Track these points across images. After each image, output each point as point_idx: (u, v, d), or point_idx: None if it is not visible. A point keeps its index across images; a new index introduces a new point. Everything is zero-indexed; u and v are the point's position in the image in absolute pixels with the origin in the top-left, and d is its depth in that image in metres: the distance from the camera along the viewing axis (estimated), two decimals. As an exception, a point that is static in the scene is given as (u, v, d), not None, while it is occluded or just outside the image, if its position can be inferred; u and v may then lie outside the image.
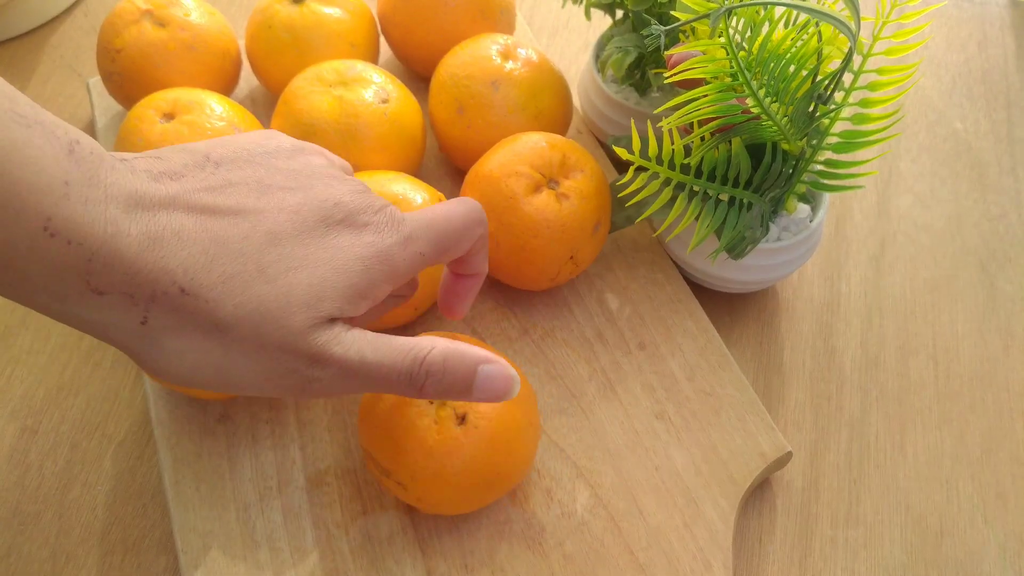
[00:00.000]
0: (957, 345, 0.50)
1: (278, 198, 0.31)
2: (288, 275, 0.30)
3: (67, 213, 0.26)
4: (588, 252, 0.46)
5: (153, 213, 0.28)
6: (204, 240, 0.29)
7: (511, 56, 0.49)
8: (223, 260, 0.29)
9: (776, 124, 0.39)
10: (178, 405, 0.44)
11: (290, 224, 0.31)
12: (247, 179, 0.31)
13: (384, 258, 0.32)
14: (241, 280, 0.29)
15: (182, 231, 0.29)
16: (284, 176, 0.32)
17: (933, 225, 0.55)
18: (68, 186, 0.27)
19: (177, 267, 0.28)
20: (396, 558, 0.40)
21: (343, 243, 0.31)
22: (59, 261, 0.27)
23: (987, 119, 0.60)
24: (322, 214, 0.32)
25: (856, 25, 0.36)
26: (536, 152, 0.45)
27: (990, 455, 0.46)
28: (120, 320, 0.28)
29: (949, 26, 0.66)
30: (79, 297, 0.28)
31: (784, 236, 0.46)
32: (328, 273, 0.31)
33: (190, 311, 0.29)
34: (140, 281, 0.28)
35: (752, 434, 0.43)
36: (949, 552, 0.43)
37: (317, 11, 0.53)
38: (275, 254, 0.30)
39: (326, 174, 0.33)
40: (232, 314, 0.29)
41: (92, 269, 0.27)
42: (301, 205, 0.31)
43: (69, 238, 0.26)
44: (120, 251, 0.27)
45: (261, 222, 0.30)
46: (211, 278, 0.29)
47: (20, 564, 0.42)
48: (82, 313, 0.28)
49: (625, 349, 0.46)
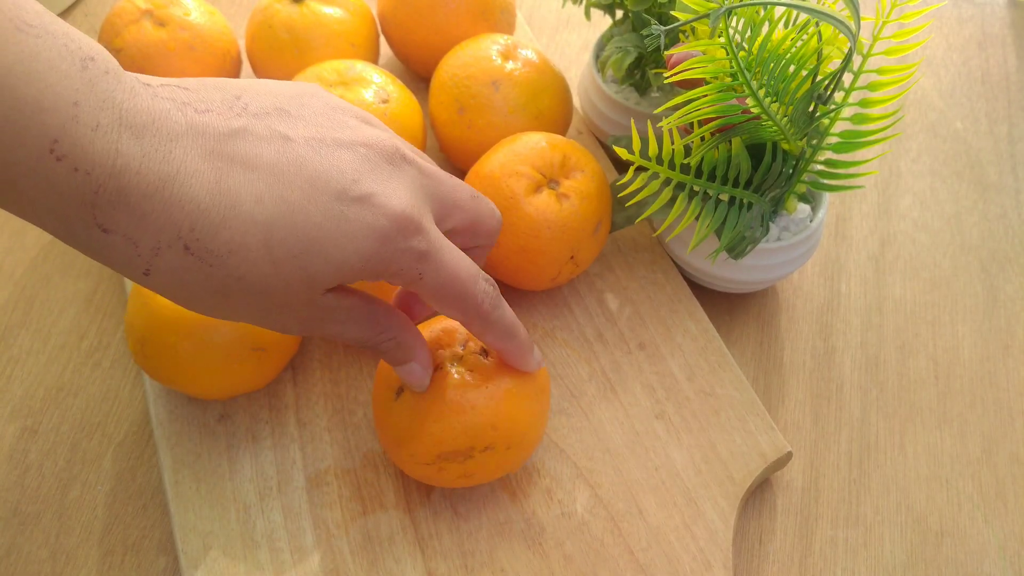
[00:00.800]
0: (957, 345, 0.50)
1: (298, 161, 0.30)
2: (292, 262, 0.29)
3: (75, 137, 0.25)
4: (589, 252, 0.46)
5: (169, 148, 0.27)
6: (215, 194, 0.28)
7: (511, 56, 0.49)
8: (232, 224, 0.28)
9: (776, 124, 0.39)
10: (178, 405, 0.44)
11: (303, 197, 0.29)
12: (272, 132, 0.30)
13: (383, 256, 0.31)
14: (248, 254, 0.28)
15: (194, 176, 0.27)
16: (310, 135, 0.31)
17: (933, 225, 0.55)
18: (78, 107, 0.25)
19: (183, 220, 0.27)
20: (396, 558, 0.40)
21: (353, 231, 0.30)
22: (65, 187, 0.25)
23: (987, 119, 0.60)
24: (338, 188, 0.30)
25: (856, 25, 0.36)
26: (536, 152, 0.45)
27: (990, 455, 0.46)
28: (125, 264, 0.28)
29: (949, 26, 0.66)
30: (85, 230, 0.27)
31: (784, 236, 0.46)
32: (329, 268, 0.30)
33: (193, 272, 0.28)
34: (145, 227, 0.27)
35: (752, 434, 0.43)
36: (949, 552, 0.43)
37: (317, 11, 0.53)
38: (283, 231, 0.29)
39: (356, 140, 0.32)
40: (233, 286, 0.29)
41: (98, 203, 0.26)
42: (318, 176, 0.30)
43: (76, 164, 0.25)
44: (127, 189, 0.26)
45: (274, 186, 0.29)
46: (217, 244, 0.28)
47: (20, 564, 0.42)
48: (89, 245, 0.27)
49: (625, 349, 0.46)
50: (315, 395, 0.45)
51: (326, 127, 0.32)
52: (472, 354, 0.39)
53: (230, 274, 0.28)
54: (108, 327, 0.49)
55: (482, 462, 0.38)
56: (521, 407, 0.38)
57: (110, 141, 0.26)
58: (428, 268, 0.32)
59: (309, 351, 0.46)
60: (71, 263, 0.52)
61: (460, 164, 0.52)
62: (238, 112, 0.30)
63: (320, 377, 0.45)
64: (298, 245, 0.29)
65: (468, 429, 0.37)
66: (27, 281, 0.51)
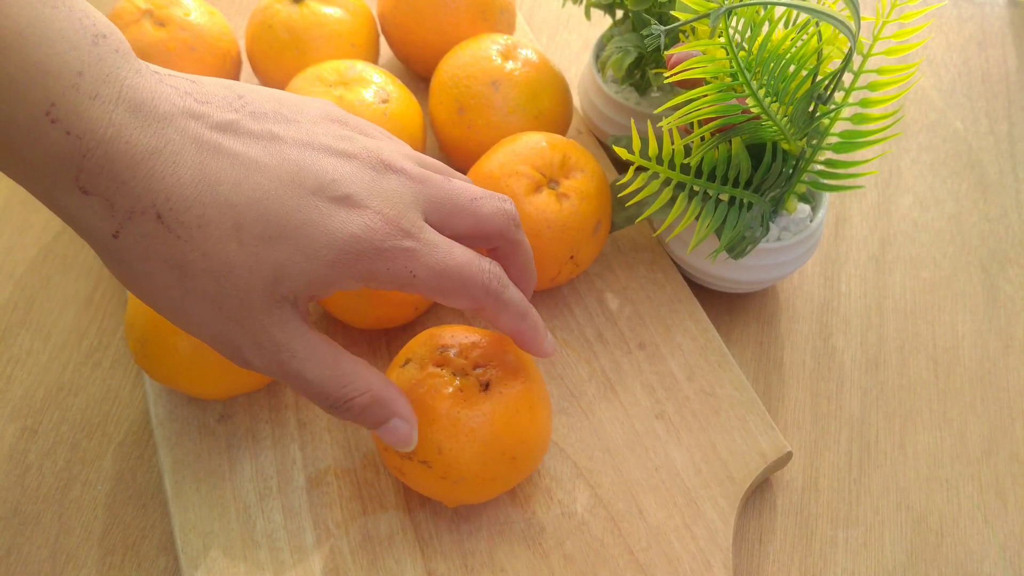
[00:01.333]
0: (957, 345, 0.50)
1: (282, 156, 0.30)
2: (260, 246, 0.29)
3: (72, 103, 0.26)
4: (588, 252, 0.46)
5: (161, 127, 0.28)
6: (196, 173, 0.28)
7: (511, 56, 0.49)
8: (205, 202, 0.28)
9: (776, 124, 0.39)
10: (178, 405, 0.44)
11: (280, 187, 0.30)
12: (263, 130, 0.31)
13: (360, 255, 0.31)
14: (216, 230, 0.29)
15: (180, 155, 0.28)
16: (300, 138, 0.32)
17: (933, 225, 0.55)
18: (80, 76, 0.26)
19: (160, 191, 0.28)
20: (396, 558, 0.40)
21: (324, 224, 0.30)
22: (55, 149, 0.27)
23: (987, 119, 0.60)
24: (316, 186, 0.31)
25: (856, 25, 0.36)
26: (536, 152, 0.45)
27: (990, 455, 0.46)
28: (96, 226, 0.28)
29: (949, 26, 0.66)
30: (66, 191, 0.27)
31: (784, 236, 0.46)
32: (297, 256, 0.30)
33: (160, 240, 0.28)
34: (124, 192, 0.27)
35: (752, 434, 0.43)
36: (949, 552, 0.43)
37: (317, 11, 0.53)
38: (255, 215, 0.29)
39: (344, 150, 0.32)
40: (197, 263, 0.29)
41: (84, 166, 0.27)
42: (299, 172, 0.30)
43: (69, 128, 0.26)
44: (114, 156, 0.27)
45: (254, 174, 0.30)
46: (189, 217, 0.28)
47: (20, 564, 0.42)
48: (66, 207, 0.28)
49: (625, 349, 0.46)
50: (315, 395, 0.45)
51: (318, 135, 0.32)
52: (469, 376, 0.38)
53: (196, 248, 0.29)
54: (108, 327, 0.49)
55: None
56: (521, 423, 0.38)
57: (105, 111, 0.27)
58: (419, 266, 0.32)
59: (309, 351, 0.46)
60: (71, 263, 0.52)
61: (460, 164, 0.52)
62: (236, 108, 0.31)
63: (320, 377, 0.45)
64: (268, 230, 0.29)
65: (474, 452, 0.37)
66: (27, 281, 0.51)
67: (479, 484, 0.38)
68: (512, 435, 0.37)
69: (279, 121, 0.32)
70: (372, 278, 0.32)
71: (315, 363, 0.32)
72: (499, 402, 0.37)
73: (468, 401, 0.37)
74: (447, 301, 0.34)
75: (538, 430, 0.39)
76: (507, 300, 0.35)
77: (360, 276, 0.31)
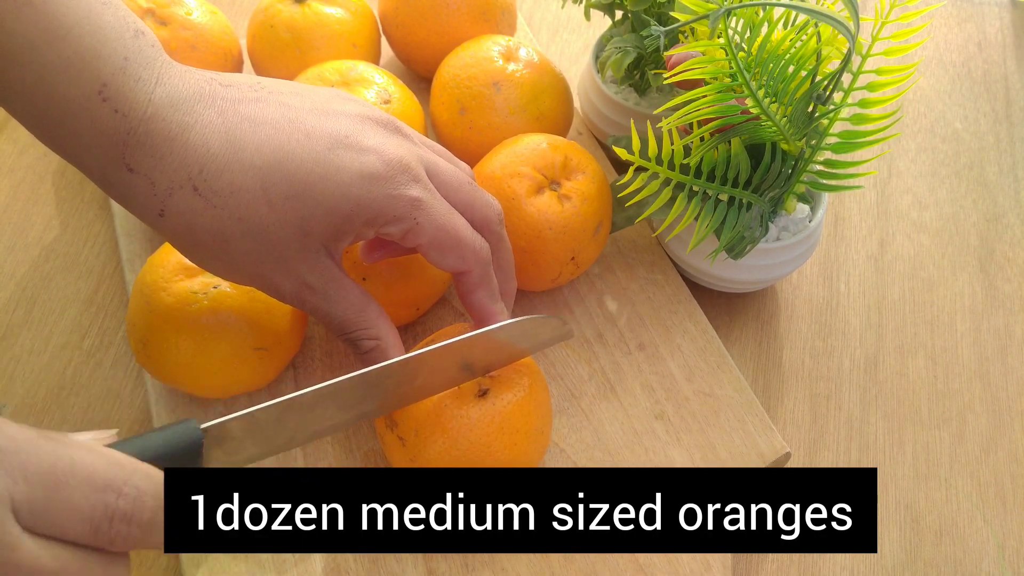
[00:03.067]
0: (956, 345, 0.50)
1: (299, 119, 0.34)
2: (286, 203, 0.33)
3: (120, 84, 0.30)
4: (589, 253, 0.46)
5: (191, 104, 0.32)
6: (223, 142, 0.32)
7: (513, 57, 0.50)
8: (234, 168, 0.32)
9: (775, 124, 0.39)
10: (179, 405, 0.44)
11: (298, 146, 0.33)
12: (281, 102, 0.34)
13: (372, 202, 0.34)
14: (246, 195, 0.32)
15: (208, 126, 0.32)
16: (314, 107, 0.35)
17: (932, 225, 0.55)
18: (127, 62, 0.31)
19: (194, 163, 0.31)
20: (397, 557, 0.40)
21: (339, 177, 0.33)
22: (105, 126, 0.30)
23: (986, 119, 0.60)
24: (333, 140, 0.34)
25: (855, 26, 0.36)
26: (538, 153, 0.45)
27: (989, 454, 0.46)
28: (143, 204, 0.32)
29: (948, 26, 0.66)
30: (115, 168, 0.31)
31: (783, 236, 0.46)
32: (318, 211, 0.33)
33: (199, 213, 0.32)
34: (163, 167, 0.31)
35: (751, 434, 0.44)
36: (948, 551, 0.43)
37: (319, 11, 0.53)
38: (278, 175, 0.32)
39: (356, 112, 0.35)
40: (234, 227, 0.32)
41: (129, 142, 0.31)
42: (315, 130, 0.34)
43: (116, 107, 0.30)
44: (152, 133, 0.31)
45: (275, 136, 0.33)
46: (221, 183, 0.32)
47: (22, 563, 0.42)
48: (116, 185, 0.32)
49: (625, 350, 0.47)
50: (316, 394, 0.45)
51: (332, 103, 0.36)
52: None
53: (231, 214, 0.32)
54: (109, 326, 0.49)
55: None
56: (515, 443, 0.38)
57: (146, 92, 0.31)
58: (422, 215, 0.35)
59: (310, 350, 0.46)
60: (72, 263, 0.52)
61: (460, 164, 0.52)
62: (256, 89, 0.34)
63: (321, 376, 0.46)
64: (291, 188, 0.33)
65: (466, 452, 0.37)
66: (29, 281, 0.51)
67: (534, 448, 0.39)
68: (487, 448, 0.38)
69: (295, 95, 0.35)
70: (384, 224, 0.35)
71: (344, 306, 0.36)
72: (488, 412, 0.38)
73: (459, 400, 0.38)
74: (439, 257, 0.37)
75: (518, 453, 0.39)
76: (490, 276, 0.38)
77: (371, 220, 0.34)
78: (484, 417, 0.37)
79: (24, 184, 0.55)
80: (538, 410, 0.39)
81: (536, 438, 0.39)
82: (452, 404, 0.38)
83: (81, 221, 0.54)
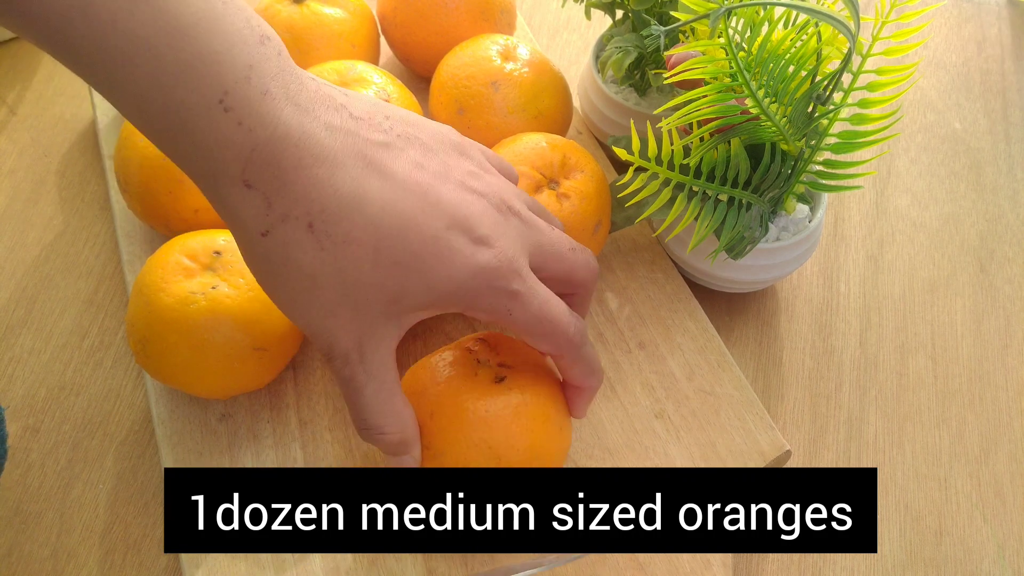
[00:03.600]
0: (956, 344, 0.50)
1: (426, 186, 0.33)
2: (392, 269, 0.32)
3: (245, 94, 0.28)
4: (588, 252, 0.46)
5: (326, 135, 0.30)
6: (352, 188, 0.30)
7: (511, 57, 0.50)
8: (355, 219, 0.31)
9: (775, 124, 0.39)
10: (179, 404, 0.44)
11: (421, 217, 0.32)
12: (410, 158, 0.33)
13: (473, 291, 0.33)
14: (356, 249, 0.31)
15: (343, 168, 0.30)
16: (440, 170, 0.34)
17: (931, 225, 0.55)
18: (251, 70, 0.28)
19: (318, 200, 0.30)
20: (397, 557, 0.40)
21: (452, 258, 0.33)
22: (227, 138, 0.28)
23: (985, 119, 0.61)
24: (451, 220, 0.33)
25: (855, 25, 0.36)
26: (537, 152, 0.45)
27: (989, 454, 0.46)
28: (249, 221, 0.30)
29: (948, 26, 0.66)
30: (230, 181, 0.29)
31: (783, 236, 0.46)
32: (420, 285, 0.33)
33: (303, 250, 0.30)
34: (284, 193, 0.30)
35: (751, 433, 0.44)
36: (948, 551, 0.43)
37: (318, 11, 0.53)
38: (395, 240, 0.31)
39: (477, 187, 0.35)
40: (329, 277, 0.31)
41: (252, 159, 0.29)
42: (439, 203, 0.33)
43: (241, 119, 0.28)
44: (282, 156, 0.29)
45: (401, 201, 0.32)
46: (337, 230, 0.30)
47: (21, 563, 0.42)
48: (226, 197, 0.30)
49: (625, 348, 0.47)
50: (316, 394, 0.45)
51: (453, 168, 0.34)
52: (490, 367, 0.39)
53: (335, 263, 0.31)
54: (109, 327, 0.49)
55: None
56: (536, 428, 0.38)
57: (275, 108, 0.29)
58: (517, 306, 0.34)
59: (310, 350, 0.46)
60: (73, 263, 0.52)
61: (460, 164, 0.52)
62: (385, 129, 0.33)
63: (321, 376, 0.46)
64: (403, 256, 0.32)
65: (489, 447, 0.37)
66: (29, 281, 0.51)
67: (557, 449, 0.39)
68: (503, 433, 0.37)
69: (421, 149, 0.34)
70: (475, 308, 0.34)
71: (375, 390, 0.34)
72: (505, 398, 0.38)
73: (476, 385, 0.38)
74: (532, 342, 0.36)
75: (536, 441, 0.38)
76: (584, 355, 0.38)
77: (464, 305, 0.34)
78: (502, 402, 0.38)
79: (24, 184, 0.55)
80: (555, 403, 0.39)
81: (555, 432, 0.39)
82: (469, 389, 0.38)
83: (81, 221, 0.54)
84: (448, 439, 0.37)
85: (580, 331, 0.37)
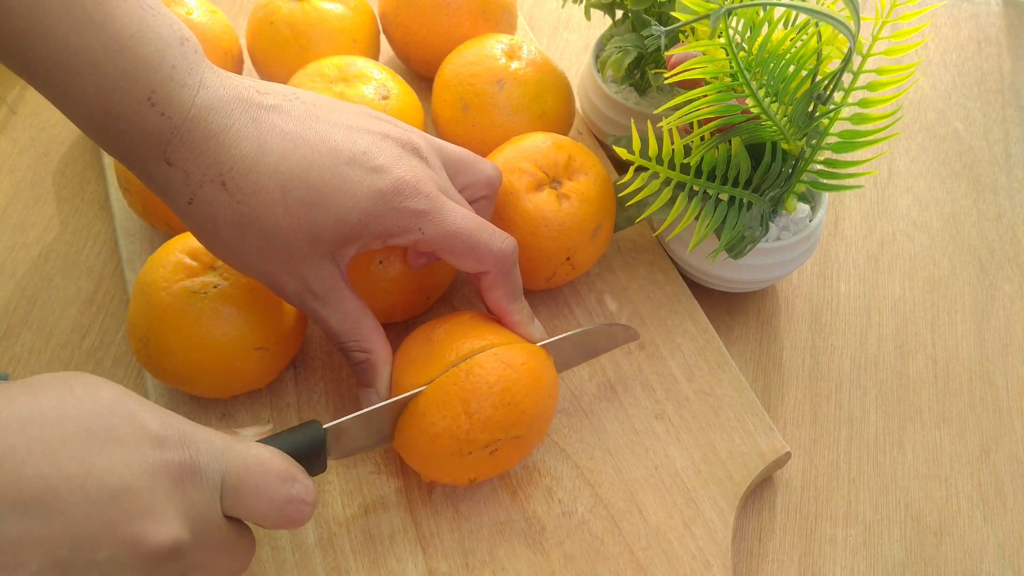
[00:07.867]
0: (956, 344, 0.50)
1: (324, 134, 0.36)
2: (301, 209, 0.35)
3: (167, 90, 0.33)
4: (586, 256, 0.46)
5: (230, 108, 0.35)
6: (253, 146, 0.35)
7: (516, 56, 0.50)
8: (260, 170, 0.35)
9: (776, 124, 0.39)
10: (179, 404, 0.44)
11: (320, 159, 0.35)
12: (310, 114, 0.37)
13: (378, 215, 0.36)
14: (267, 197, 0.35)
15: (242, 130, 0.35)
16: (340, 122, 0.37)
17: (931, 225, 0.55)
18: (174, 69, 0.33)
19: (226, 160, 0.34)
20: (397, 556, 0.40)
21: (353, 190, 0.36)
22: (152, 127, 0.33)
23: (985, 119, 0.61)
24: (350, 156, 0.36)
25: (855, 25, 0.36)
26: (541, 151, 0.45)
27: (989, 454, 0.46)
28: (176, 193, 0.35)
29: (948, 26, 0.66)
30: (156, 163, 0.34)
31: (783, 236, 0.46)
32: (329, 220, 0.36)
33: (224, 205, 0.35)
34: (199, 162, 0.34)
35: (751, 434, 0.44)
36: (948, 550, 0.43)
37: (319, 7, 0.53)
38: (298, 182, 0.35)
39: (378, 130, 0.38)
40: (252, 224, 0.35)
41: (171, 141, 0.34)
42: (337, 146, 0.36)
43: (163, 111, 0.33)
44: (193, 132, 0.34)
45: (300, 146, 0.35)
46: (245, 183, 0.34)
47: (22, 562, 0.42)
48: (154, 175, 0.35)
49: (625, 349, 0.47)
50: (317, 393, 0.45)
51: (356, 120, 0.38)
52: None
53: (251, 212, 0.35)
54: (110, 326, 0.49)
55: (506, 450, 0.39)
56: (535, 389, 0.39)
57: (190, 97, 0.34)
58: (427, 223, 0.37)
59: (310, 350, 0.46)
60: (73, 262, 0.52)
61: (461, 164, 0.52)
62: (290, 100, 0.37)
63: (322, 376, 0.46)
64: (308, 195, 0.35)
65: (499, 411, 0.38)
66: (29, 280, 0.51)
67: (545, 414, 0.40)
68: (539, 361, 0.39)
69: (324, 108, 0.37)
70: (389, 235, 0.37)
71: (339, 316, 0.38)
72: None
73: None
74: (456, 261, 0.39)
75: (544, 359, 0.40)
76: (509, 275, 0.40)
77: (377, 233, 0.37)
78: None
79: (24, 184, 0.55)
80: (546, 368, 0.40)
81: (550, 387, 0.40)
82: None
83: (81, 221, 0.53)
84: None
85: (509, 246, 0.39)
